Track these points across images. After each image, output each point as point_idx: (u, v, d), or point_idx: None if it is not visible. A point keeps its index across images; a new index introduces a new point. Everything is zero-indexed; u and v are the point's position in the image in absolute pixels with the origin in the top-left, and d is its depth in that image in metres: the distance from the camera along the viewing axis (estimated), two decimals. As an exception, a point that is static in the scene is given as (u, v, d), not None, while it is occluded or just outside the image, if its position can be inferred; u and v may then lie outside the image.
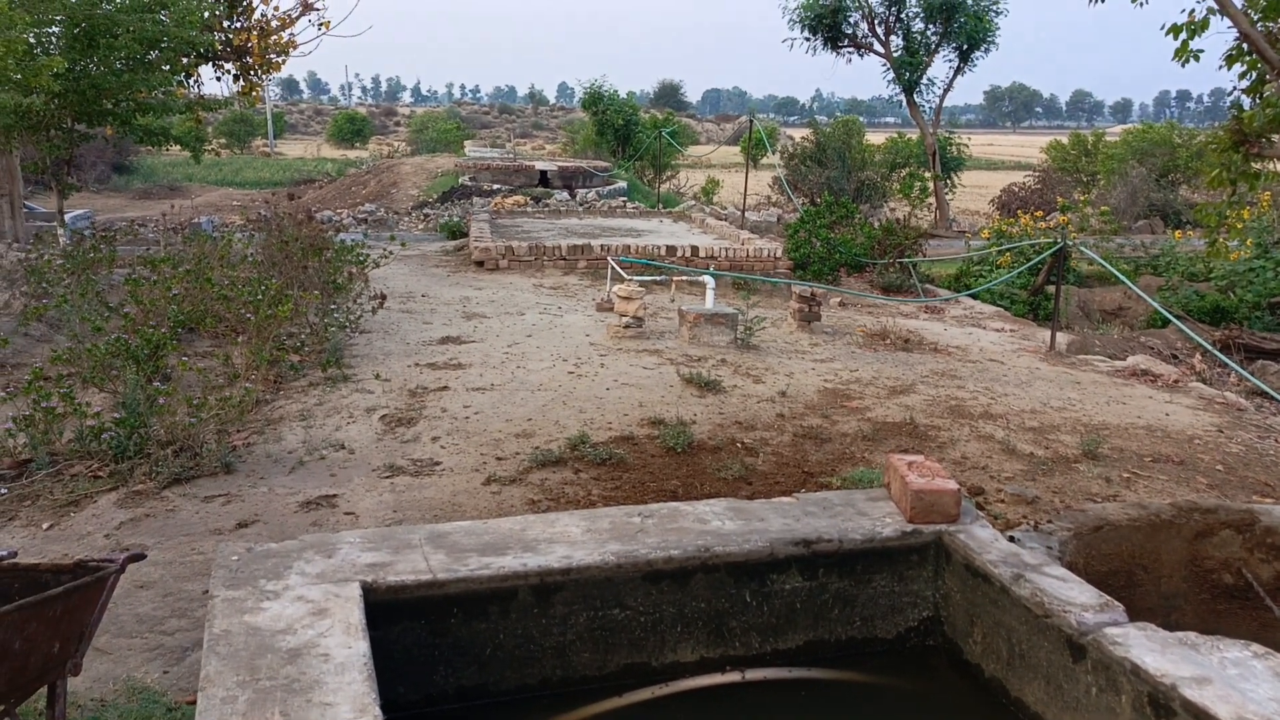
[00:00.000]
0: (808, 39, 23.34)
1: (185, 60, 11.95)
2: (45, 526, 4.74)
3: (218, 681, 2.31)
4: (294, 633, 2.50)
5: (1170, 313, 9.37)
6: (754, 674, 3.24)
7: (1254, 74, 8.34)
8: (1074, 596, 2.85)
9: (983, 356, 8.73)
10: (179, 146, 13.14)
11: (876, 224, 14.17)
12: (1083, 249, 11.12)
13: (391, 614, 2.77)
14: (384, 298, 9.19)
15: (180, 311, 7.65)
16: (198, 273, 8.26)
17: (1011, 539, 3.41)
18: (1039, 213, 17.81)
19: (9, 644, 2.68)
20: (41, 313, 7.95)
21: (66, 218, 12.42)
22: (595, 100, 28.57)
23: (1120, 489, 5.47)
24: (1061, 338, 9.47)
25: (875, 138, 29.63)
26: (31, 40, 9.65)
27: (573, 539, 3.10)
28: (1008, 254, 13.66)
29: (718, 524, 3.27)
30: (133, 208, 22.08)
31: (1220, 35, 8.18)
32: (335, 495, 5.14)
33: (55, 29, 10.21)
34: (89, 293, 8.19)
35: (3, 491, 5.03)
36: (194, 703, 3.25)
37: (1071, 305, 12.56)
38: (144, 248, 11.76)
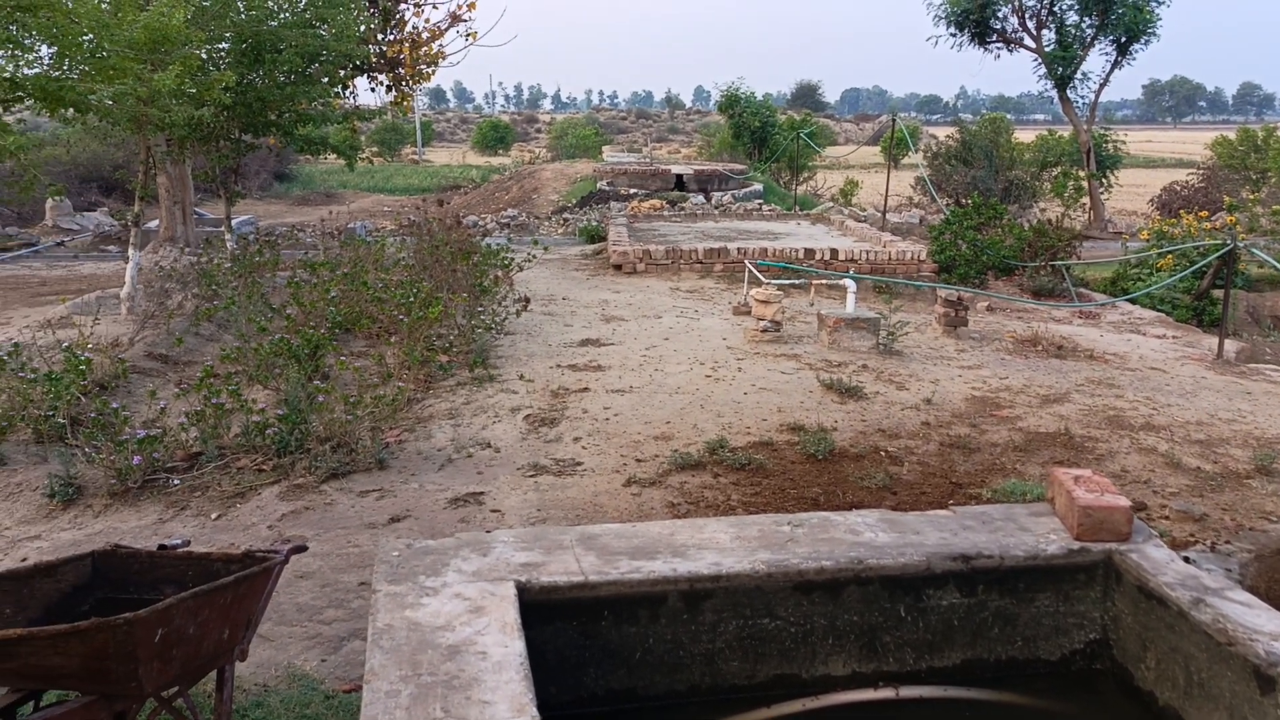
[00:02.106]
0: (953, 35, 22.69)
1: (343, 72, 12.50)
2: (214, 516, 5.01)
3: (381, 675, 2.38)
4: (452, 629, 2.56)
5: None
6: (908, 691, 3.14)
7: None
8: (1261, 624, 2.65)
9: (1143, 364, 8.28)
10: (335, 155, 13.73)
11: (1026, 225, 13.64)
12: (1253, 251, 10.42)
13: (544, 614, 2.81)
14: (527, 300, 9.38)
15: (338, 313, 7.99)
16: (354, 276, 8.61)
17: (1187, 560, 3.20)
18: (1203, 213, 16.79)
19: (184, 629, 2.82)
20: (212, 314, 8.42)
21: (232, 223, 13.16)
22: (732, 103, 28.49)
23: (1300, 509, 5.09)
24: (1230, 345, 8.89)
25: (1024, 135, 28.54)
26: (204, 56, 10.26)
27: (722, 546, 3.08)
28: (1169, 256, 12.92)
29: (870, 535, 3.19)
30: (292, 213, 23.25)
31: None
32: (482, 493, 5.26)
33: (224, 45, 10.83)
34: (254, 295, 8.64)
35: (176, 483, 5.34)
36: (350, 691, 3.38)
37: (1239, 311, 11.78)
38: (303, 252, 12.36)
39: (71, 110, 8.70)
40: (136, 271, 9.44)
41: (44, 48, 8.43)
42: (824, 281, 11.37)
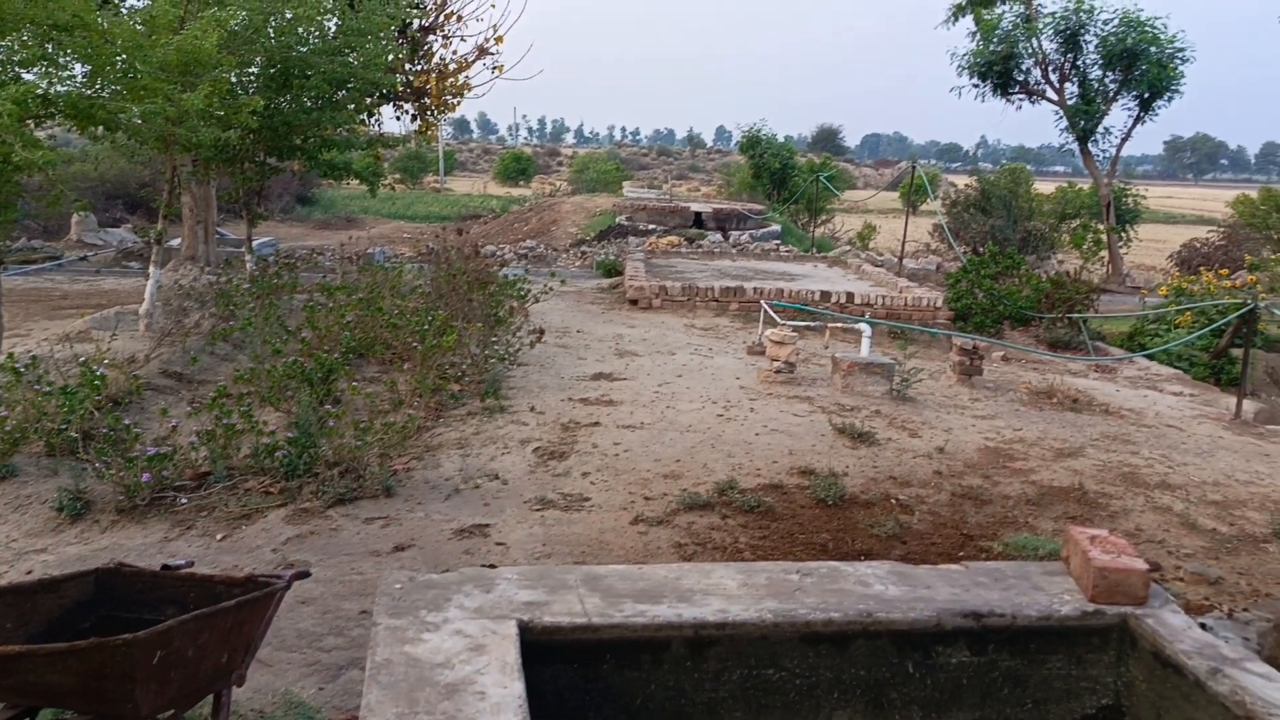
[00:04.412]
0: (976, 86, 22.77)
1: (369, 100, 12.62)
2: (219, 537, 5.00)
3: (378, 711, 2.34)
4: (452, 667, 2.52)
5: (1377, 385, 8.58)
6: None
7: None
8: (1281, 699, 2.59)
9: (1159, 421, 8.21)
10: (357, 180, 13.85)
11: (1044, 276, 13.61)
12: (1274, 311, 10.36)
13: (545, 654, 2.76)
14: (542, 332, 9.39)
15: (352, 338, 8.00)
16: (370, 301, 8.63)
17: (1204, 626, 3.13)
18: (1223, 271, 16.73)
19: (184, 651, 2.80)
20: (228, 334, 8.45)
21: (253, 244, 13.25)
22: (753, 143, 28.67)
23: (1318, 576, 5.01)
24: (1248, 405, 8.80)
25: (1044, 187, 28.55)
26: (234, 80, 10.38)
27: (728, 592, 3.03)
28: (1188, 313, 12.85)
29: (880, 588, 3.13)
30: (312, 237, 23.42)
31: None
32: (488, 525, 5.23)
33: (254, 69, 10.96)
34: (271, 316, 8.67)
35: (183, 502, 5.33)
36: (347, 721, 3.33)
37: (1259, 371, 11.68)
38: (321, 275, 12.42)
39: (101, 128, 8.80)
40: (156, 289, 9.50)
41: (78, 66, 8.54)
42: (839, 325, 11.35)
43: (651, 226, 21.89)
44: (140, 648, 2.62)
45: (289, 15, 10.29)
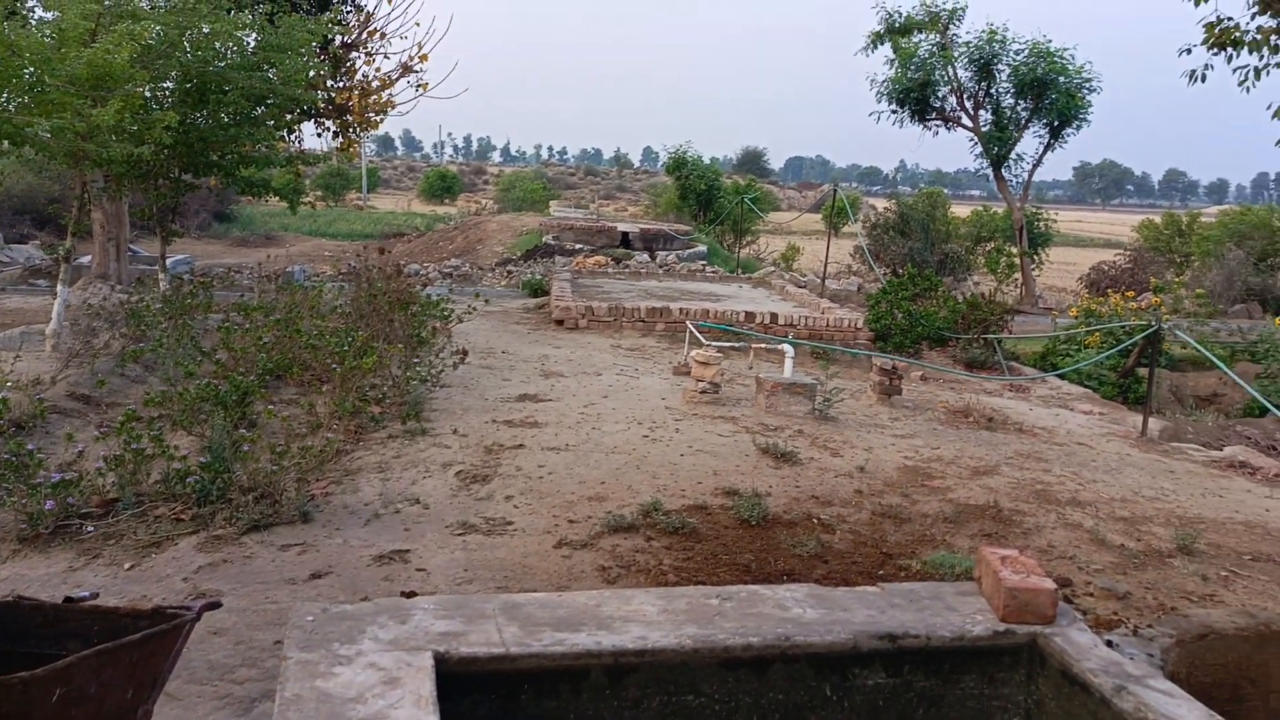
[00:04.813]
0: (895, 112, 23.33)
1: (289, 116, 12.41)
2: (127, 566, 4.83)
3: (287, 748, 2.28)
4: (364, 702, 2.47)
5: (1270, 401, 8.97)
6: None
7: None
8: (1182, 715, 2.67)
9: (1070, 439, 8.46)
10: (277, 197, 13.59)
11: (960, 298, 13.95)
12: (1177, 332, 10.77)
13: (462, 686, 2.72)
14: (465, 353, 9.30)
15: (269, 359, 7.83)
16: (288, 322, 8.46)
17: (1110, 643, 3.23)
18: (1130, 292, 17.39)
19: (85, 688, 2.71)
20: (139, 355, 8.21)
21: (168, 262, 12.91)
22: (679, 165, 28.94)
23: (1218, 588, 5.19)
24: (1154, 423, 9.13)
25: (960, 210, 29.36)
26: (147, 95, 10.13)
27: (648, 618, 3.03)
28: (1096, 334, 13.30)
29: (798, 611, 3.16)
30: (230, 254, 22.91)
31: (1329, 121, 7.88)
32: (408, 550, 5.14)
33: (169, 84, 10.70)
34: (184, 337, 8.45)
35: (90, 530, 5.14)
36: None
37: (1163, 389, 12.14)
38: (239, 294, 12.15)
39: (6, 142, 8.51)
40: (64, 308, 9.18)
41: (-20, 78, 8.26)
42: (763, 345, 11.48)
43: (578, 246, 21.91)
44: (38, 686, 2.52)
45: (206, 30, 10.09)
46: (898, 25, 22.93)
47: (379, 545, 5.19)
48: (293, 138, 14.45)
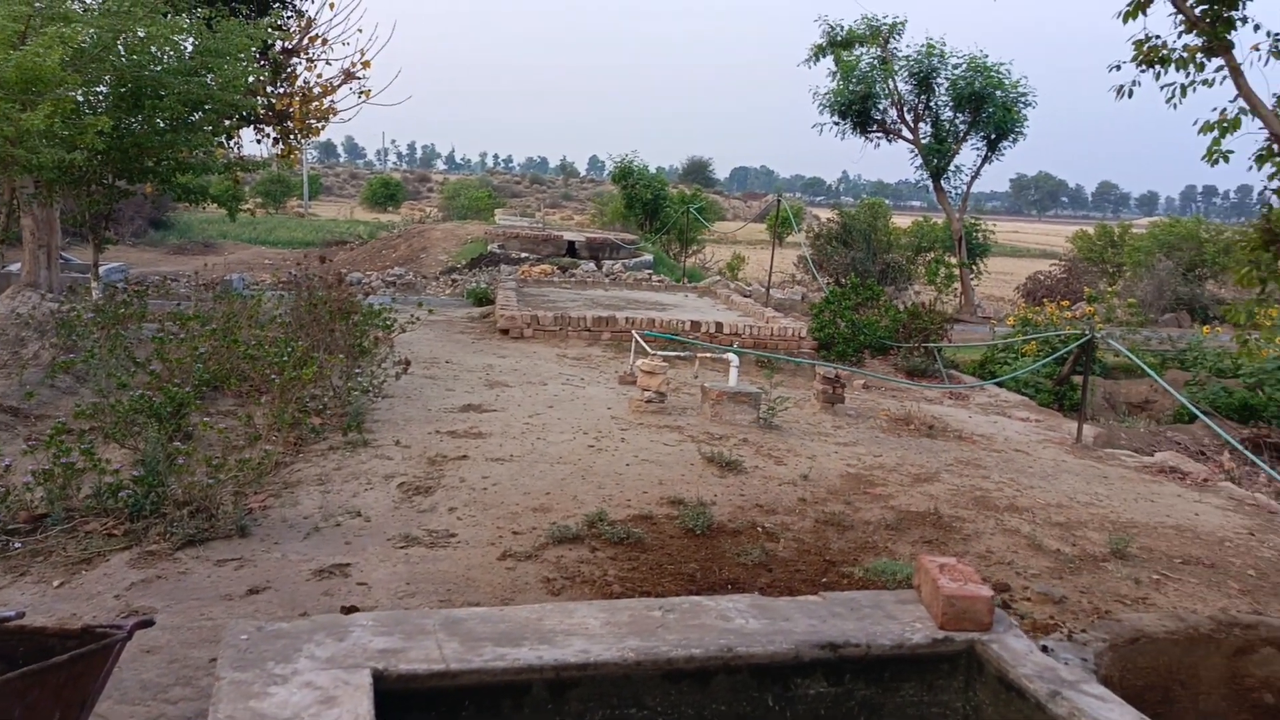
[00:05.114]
0: (837, 124, 23.67)
1: (228, 122, 12.20)
2: (56, 584, 4.69)
3: (219, 771, 2.22)
4: (300, 722, 2.42)
5: (1198, 409, 9.23)
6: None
7: (1285, 174, 8.32)
8: (1114, 719, 2.73)
9: (1008, 446, 8.61)
10: (215, 204, 13.34)
11: (901, 307, 14.16)
12: (1110, 341, 11.03)
13: (402, 703, 2.68)
14: (408, 363, 9.20)
15: (206, 370, 7.68)
16: (225, 331, 8.30)
17: (1045, 649, 3.28)
18: (1065, 302, 17.82)
19: (9, 712, 2.63)
20: (69, 366, 7.99)
21: (101, 270, 12.59)
22: (625, 174, 28.99)
23: (1150, 591, 5.32)
24: (1088, 430, 9.34)
25: (901, 220, 29.81)
26: (80, 99, 9.88)
27: (591, 632, 3.01)
28: (1033, 343, 13.59)
29: (741, 622, 3.17)
30: (167, 262, 22.43)
31: (1250, 135, 8.16)
32: (349, 564, 5.06)
33: (103, 88, 10.46)
34: (117, 347, 8.24)
35: (17, 546, 4.99)
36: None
37: (1097, 397, 12.43)
38: (175, 303, 11.89)
39: (-71, 146, 8.25)
40: (-11, 317, 8.91)
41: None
42: (709, 354, 11.52)
43: (524, 255, 21.81)
44: (-43, 710, 2.45)
45: (141, 34, 9.89)
46: (840, 39, 23.30)
47: (319, 559, 5.10)
48: (231, 144, 14.20)
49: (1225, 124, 8.26)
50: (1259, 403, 12.13)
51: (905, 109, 23.41)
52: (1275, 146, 8.20)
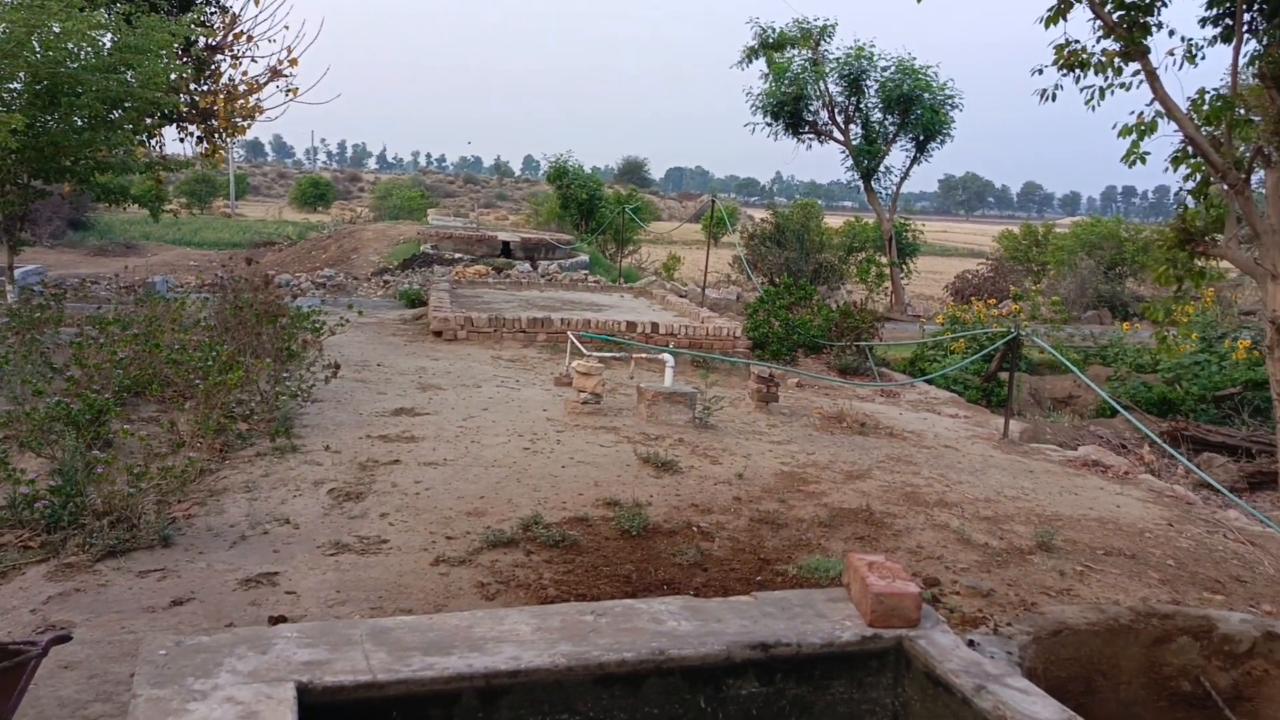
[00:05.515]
0: (769, 124, 23.90)
1: (149, 120, 11.88)
2: (-33, 600, 4.51)
3: (135, 792, 2.15)
4: (221, 738, 2.35)
5: (1119, 403, 9.50)
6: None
7: (1198, 176, 8.62)
8: (1037, 711, 2.79)
9: (938, 443, 8.77)
10: (137, 205, 12.98)
11: (834, 306, 14.35)
12: (1035, 338, 11.31)
13: (327, 716, 2.62)
14: (338, 367, 9.04)
15: (127, 376, 7.46)
16: (148, 336, 8.08)
17: (971, 643, 3.34)
18: (992, 300, 18.21)
19: (-86, 736, 2.52)
20: (-20, 372, 7.70)
21: (17, 273, 12.17)
22: (560, 174, 28.91)
23: (1074, 582, 5.45)
24: (1014, 425, 9.55)
25: (834, 221, 30.22)
26: (-9, 95, 9.57)
27: (522, 638, 2.98)
28: (961, 340, 13.87)
29: (673, 624, 3.17)
30: (87, 264, 21.76)
31: (1166, 138, 8.45)
32: (277, 573, 4.96)
33: (16, 85, 10.12)
34: (33, 353, 7.97)
35: (-76, 561, 4.79)
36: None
37: (1023, 392, 12.72)
38: (95, 306, 11.54)
39: None
40: (-105, 323, 8.55)
41: None
42: (644, 355, 11.54)
43: (458, 255, 21.60)
44: None
45: (57, 29, 9.58)
46: (771, 40, 23.54)
47: (246, 568, 4.99)
48: (153, 143, 13.83)
49: (1143, 127, 8.54)
50: (1177, 397, 12.54)
51: (836, 110, 23.74)
52: (1189, 149, 8.50)
